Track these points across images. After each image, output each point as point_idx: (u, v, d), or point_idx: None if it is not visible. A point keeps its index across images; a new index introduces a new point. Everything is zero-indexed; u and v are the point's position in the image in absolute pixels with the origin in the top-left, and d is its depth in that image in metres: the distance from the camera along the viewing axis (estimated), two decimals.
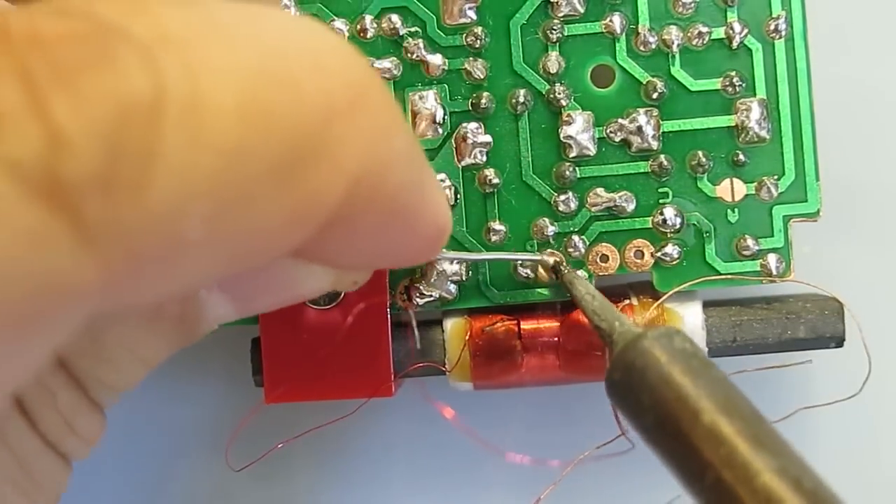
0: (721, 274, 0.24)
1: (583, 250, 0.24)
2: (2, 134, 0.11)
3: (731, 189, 0.24)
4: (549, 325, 0.24)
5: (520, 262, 0.24)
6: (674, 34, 0.24)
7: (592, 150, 0.24)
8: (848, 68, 0.27)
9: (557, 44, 0.24)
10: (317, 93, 0.14)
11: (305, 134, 0.14)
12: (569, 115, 0.24)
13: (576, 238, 0.24)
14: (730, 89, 0.24)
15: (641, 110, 0.24)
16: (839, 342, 0.24)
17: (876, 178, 0.27)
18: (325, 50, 0.15)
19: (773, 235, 0.24)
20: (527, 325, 0.24)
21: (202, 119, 0.12)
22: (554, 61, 0.24)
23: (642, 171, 0.24)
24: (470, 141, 0.24)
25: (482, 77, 0.24)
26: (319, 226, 0.14)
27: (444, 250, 0.22)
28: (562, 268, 0.23)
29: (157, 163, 0.12)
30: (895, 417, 0.27)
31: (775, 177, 0.24)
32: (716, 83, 0.24)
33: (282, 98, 0.13)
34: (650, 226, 0.24)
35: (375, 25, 0.24)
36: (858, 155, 0.27)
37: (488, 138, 0.24)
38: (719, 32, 0.24)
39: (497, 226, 0.24)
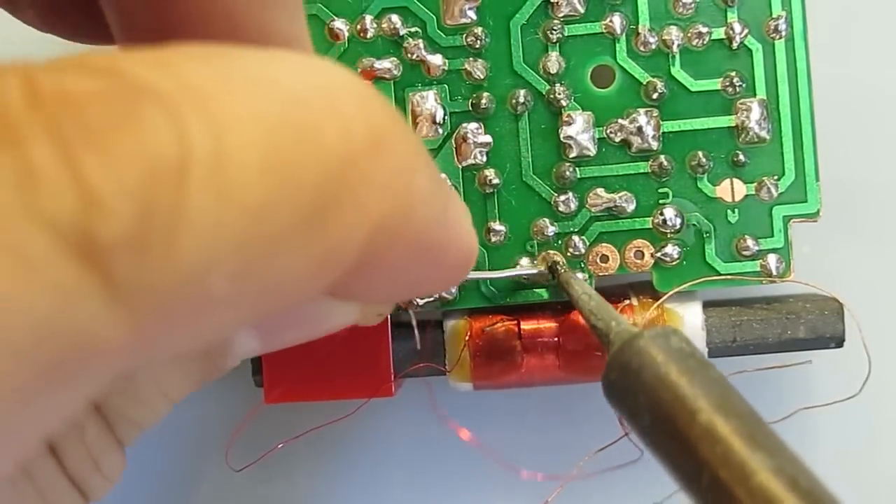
0: (721, 274, 0.24)
1: (583, 250, 0.24)
2: (39, 191, 0.11)
3: (731, 189, 0.24)
4: (549, 325, 0.24)
5: (524, 277, 0.24)
6: (674, 34, 0.24)
7: (592, 151, 0.24)
8: (848, 68, 0.27)
9: (557, 44, 0.24)
10: (337, 138, 0.14)
11: (328, 181, 0.14)
12: (569, 116, 0.24)
13: (576, 238, 0.24)
14: (730, 89, 0.24)
15: (642, 110, 0.24)
16: (839, 342, 0.24)
17: (876, 178, 0.27)
18: (343, 93, 0.15)
19: (772, 236, 0.24)
20: (527, 326, 0.24)
21: (227, 176, 0.13)
22: (554, 62, 0.24)
23: (642, 171, 0.24)
24: (470, 141, 0.24)
25: (482, 77, 0.24)
26: (345, 270, 0.14)
27: None
28: (559, 268, 0.23)
29: (185, 221, 0.12)
30: (895, 418, 0.27)
31: (775, 177, 0.24)
32: (716, 83, 0.24)
33: (304, 148, 0.13)
34: (650, 226, 0.24)
35: (375, 25, 0.24)
36: (858, 155, 0.27)
37: (488, 139, 0.24)
38: (719, 33, 0.24)
39: (497, 226, 0.24)
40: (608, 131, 0.24)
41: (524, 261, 0.24)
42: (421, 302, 0.24)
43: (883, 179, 0.27)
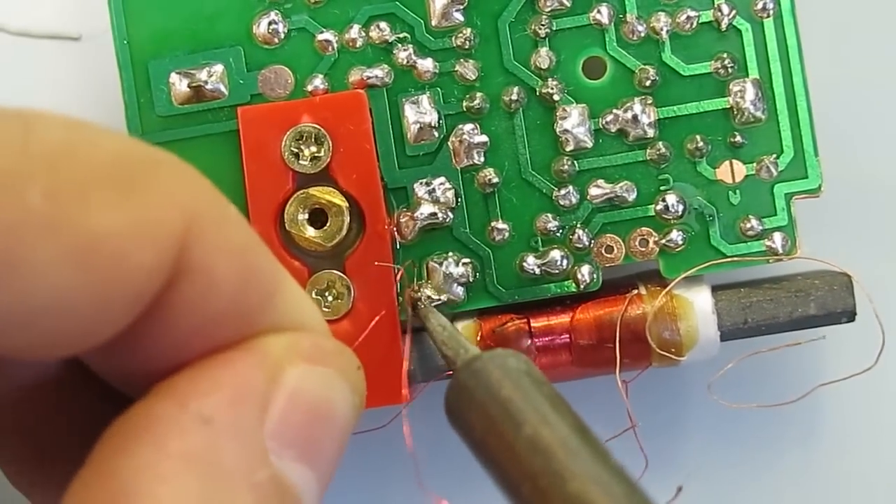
0: (727, 256, 0.24)
1: (587, 243, 0.24)
2: None
3: (731, 171, 0.24)
4: (560, 320, 0.24)
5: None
6: (662, 21, 0.24)
7: (589, 143, 0.24)
8: (846, 47, 0.27)
9: (547, 39, 0.24)
10: None
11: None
12: (563, 110, 0.24)
13: (579, 231, 0.24)
14: (722, 71, 0.24)
15: (636, 99, 0.24)
16: (850, 317, 0.24)
17: (876, 152, 0.27)
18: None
19: (776, 214, 0.24)
20: (537, 323, 0.24)
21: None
22: (544, 57, 0.24)
23: (641, 159, 0.24)
24: (467, 142, 0.24)
25: (474, 78, 0.24)
26: (168, 251, 0.15)
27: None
28: (418, 304, 0.23)
29: None
30: None
31: (774, 155, 0.24)
32: (708, 66, 0.24)
33: None
34: (653, 214, 0.24)
35: (364, 34, 0.24)
36: (858, 128, 0.27)
37: (485, 138, 0.24)
38: (707, 15, 0.24)
39: (500, 225, 0.24)
40: (604, 122, 0.24)
41: (530, 258, 0.24)
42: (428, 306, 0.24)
43: (884, 150, 0.27)
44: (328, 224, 0.23)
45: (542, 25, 0.24)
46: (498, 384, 0.19)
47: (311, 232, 0.23)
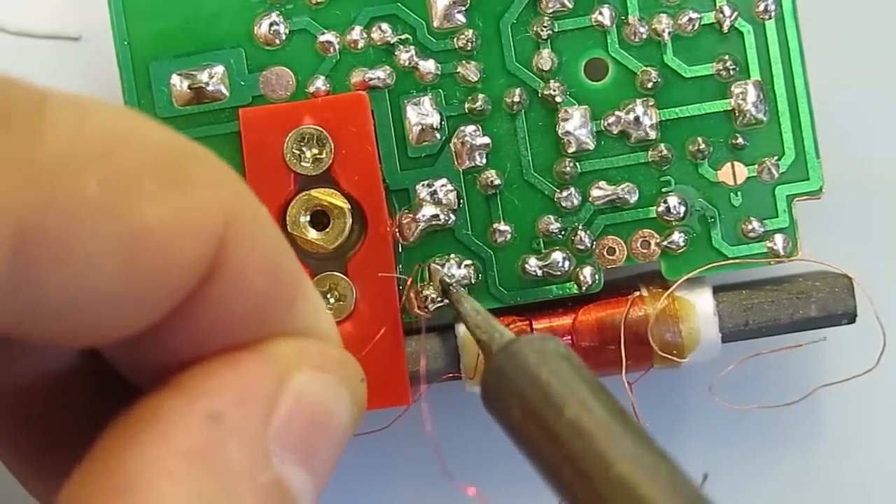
0: (729, 258, 0.24)
1: (589, 244, 0.24)
2: None
3: (733, 173, 0.24)
4: (562, 322, 0.24)
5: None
6: (664, 22, 0.24)
7: (591, 145, 0.24)
8: (847, 48, 0.27)
9: (548, 40, 0.24)
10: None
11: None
12: (565, 111, 0.24)
13: (581, 233, 0.24)
14: (724, 73, 0.24)
15: (637, 101, 0.24)
16: (851, 318, 0.24)
17: (877, 153, 0.27)
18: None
19: (777, 216, 0.24)
20: (539, 325, 0.24)
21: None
22: (546, 58, 0.24)
23: (643, 161, 0.24)
24: (469, 144, 0.24)
25: (476, 79, 0.24)
26: (210, 243, 0.15)
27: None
28: (451, 287, 0.23)
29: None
30: None
31: (776, 157, 0.24)
32: (709, 68, 0.24)
33: None
34: (655, 215, 0.24)
35: (366, 36, 0.24)
36: (860, 130, 0.27)
37: (487, 140, 0.24)
38: (709, 17, 0.24)
39: (502, 226, 0.24)
40: (606, 124, 0.24)
41: (532, 260, 0.24)
42: (432, 308, 0.24)
43: (885, 152, 0.27)
44: (330, 226, 0.23)
45: (544, 27, 0.24)
46: (536, 367, 0.18)
47: (313, 234, 0.23)
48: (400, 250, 0.24)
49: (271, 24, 0.24)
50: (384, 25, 0.24)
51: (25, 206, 0.13)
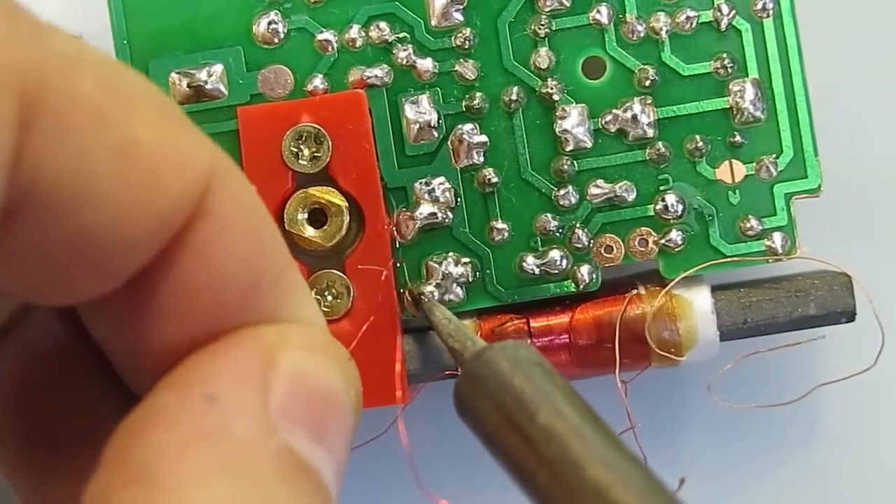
0: (727, 256, 0.24)
1: (587, 243, 0.24)
2: None
3: (731, 171, 0.24)
4: (559, 321, 0.24)
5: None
6: (662, 20, 0.24)
7: (589, 143, 0.24)
8: (846, 46, 0.27)
9: (546, 39, 0.24)
10: None
11: None
12: (563, 110, 0.24)
13: (579, 231, 0.24)
14: (721, 71, 0.24)
15: (635, 99, 0.24)
16: (850, 317, 0.24)
17: (876, 151, 0.27)
18: None
19: (775, 214, 0.24)
20: (536, 323, 0.24)
21: None
22: (544, 57, 0.24)
23: (640, 159, 0.24)
24: (466, 142, 0.24)
25: (474, 78, 0.24)
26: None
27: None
28: (422, 297, 0.23)
29: None
30: None
31: (774, 155, 0.24)
32: (707, 66, 0.24)
33: None
34: (652, 213, 0.24)
35: (363, 34, 0.24)
36: (859, 128, 0.27)
37: (484, 138, 0.24)
38: (707, 15, 0.24)
39: (499, 224, 0.24)
40: (603, 122, 0.24)
41: (529, 258, 0.24)
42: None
43: (884, 149, 0.27)
44: (328, 224, 0.23)
45: (542, 25, 0.24)
46: (509, 374, 0.19)
47: (310, 231, 0.23)
48: (397, 248, 0.24)
49: (270, 23, 0.24)
50: (382, 24, 0.24)
51: (29, 78, 0.13)
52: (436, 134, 0.24)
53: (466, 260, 0.24)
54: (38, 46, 0.14)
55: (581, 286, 0.24)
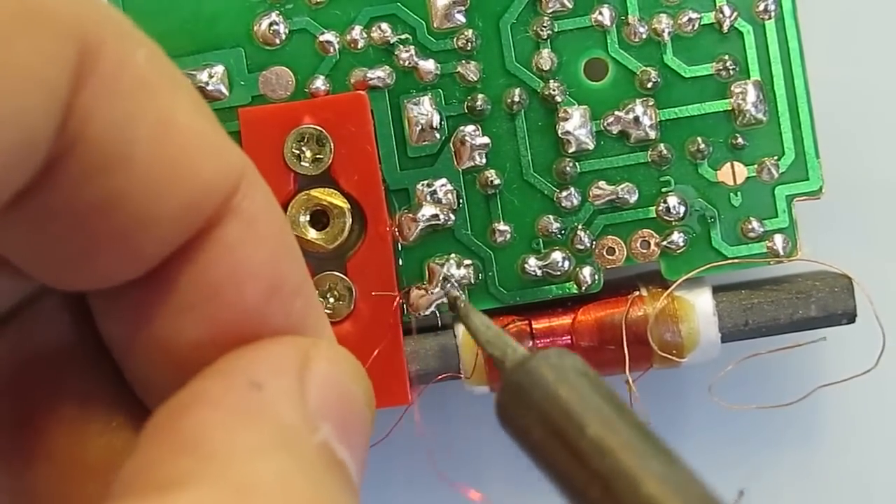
0: (728, 258, 0.24)
1: (589, 244, 0.24)
2: None
3: (733, 173, 0.24)
4: (561, 322, 0.24)
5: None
6: (664, 22, 0.24)
7: (591, 145, 0.24)
8: (847, 48, 0.27)
9: (548, 40, 0.24)
10: None
11: None
12: (565, 111, 0.24)
13: (581, 233, 0.24)
14: (723, 73, 0.24)
15: (637, 101, 0.24)
16: (851, 318, 0.24)
17: (877, 154, 0.27)
18: None
19: (777, 216, 0.24)
20: (538, 325, 0.24)
21: None
22: (546, 58, 0.24)
23: (642, 161, 0.24)
24: (468, 144, 0.24)
25: (476, 79, 0.24)
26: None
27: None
28: (458, 303, 0.23)
29: None
30: None
31: (775, 157, 0.24)
32: (709, 68, 0.24)
33: None
34: (654, 215, 0.24)
35: (365, 35, 0.24)
36: (860, 131, 0.27)
37: (486, 140, 0.24)
38: (709, 17, 0.24)
39: (501, 226, 0.24)
40: (605, 124, 0.24)
41: (531, 260, 0.24)
42: (427, 311, 0.24)
43: (885, 152, 0.27)
44: (330, 226, 0.23)
45: (544, 27, 0.24)
46: (555, 384, 0.18)
47: (312, 234, 0.23)
48: (399, 250, 0.24)
49: (271, 24, 0.24)
50: (384, 25, 0.24)
51: (89, 33, 0.14)
52: (438, 135, 0.24)
53: (468, 262, 0.24)
54: (99, 10, 0.14)
55: (583, 288, 0.24)
